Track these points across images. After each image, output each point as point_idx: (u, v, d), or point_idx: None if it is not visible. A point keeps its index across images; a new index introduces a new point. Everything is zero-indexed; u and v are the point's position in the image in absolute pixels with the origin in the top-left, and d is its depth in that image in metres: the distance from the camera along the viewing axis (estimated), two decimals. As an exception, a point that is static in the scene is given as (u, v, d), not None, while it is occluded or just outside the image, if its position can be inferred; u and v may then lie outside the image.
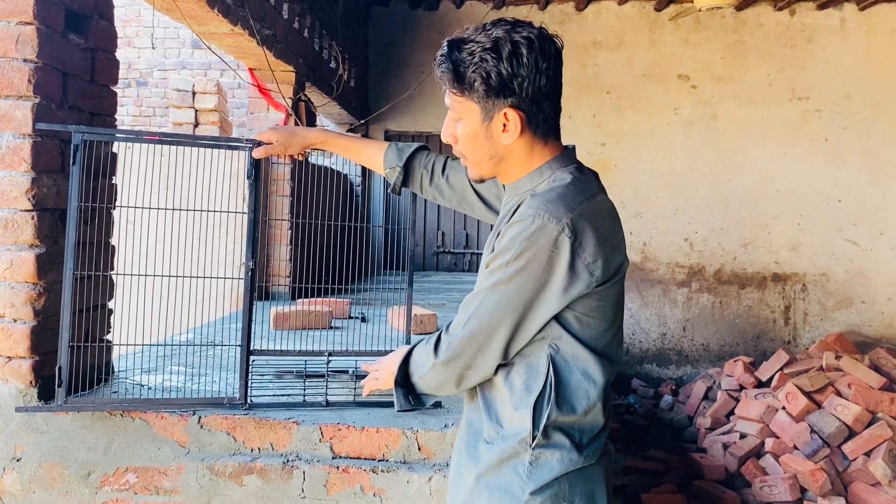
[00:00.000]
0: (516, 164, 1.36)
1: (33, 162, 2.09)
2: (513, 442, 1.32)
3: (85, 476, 2.15)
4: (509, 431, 1.33)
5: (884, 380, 4.37)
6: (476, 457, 1.38)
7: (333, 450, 2.16)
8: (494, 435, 1.35)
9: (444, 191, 1.73)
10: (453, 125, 1.36)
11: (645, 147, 7.08)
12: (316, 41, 5.18)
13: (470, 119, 1.32)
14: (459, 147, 1.37)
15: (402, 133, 7.42)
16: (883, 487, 3.76)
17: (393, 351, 1.50)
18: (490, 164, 1.36)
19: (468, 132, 1.33)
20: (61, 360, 2.07)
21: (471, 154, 1.36)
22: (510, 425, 1.33)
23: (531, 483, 1.30)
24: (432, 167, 1.74)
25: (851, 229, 6.95)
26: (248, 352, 2.23)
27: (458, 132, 1.35)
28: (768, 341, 7.03)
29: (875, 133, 6.90)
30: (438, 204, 1.82)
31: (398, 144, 1.78)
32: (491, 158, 1.35)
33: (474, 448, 1.39)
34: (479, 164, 1.37)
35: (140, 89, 8.20)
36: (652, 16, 7.12)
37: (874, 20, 6.91)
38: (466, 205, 1.72)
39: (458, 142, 1.36)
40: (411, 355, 1.43)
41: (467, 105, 1.31)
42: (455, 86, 1.31)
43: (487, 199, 1.67)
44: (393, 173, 1.75)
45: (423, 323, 3.77)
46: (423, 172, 1.75)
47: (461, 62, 1.29)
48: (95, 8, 2.37)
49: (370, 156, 1.81)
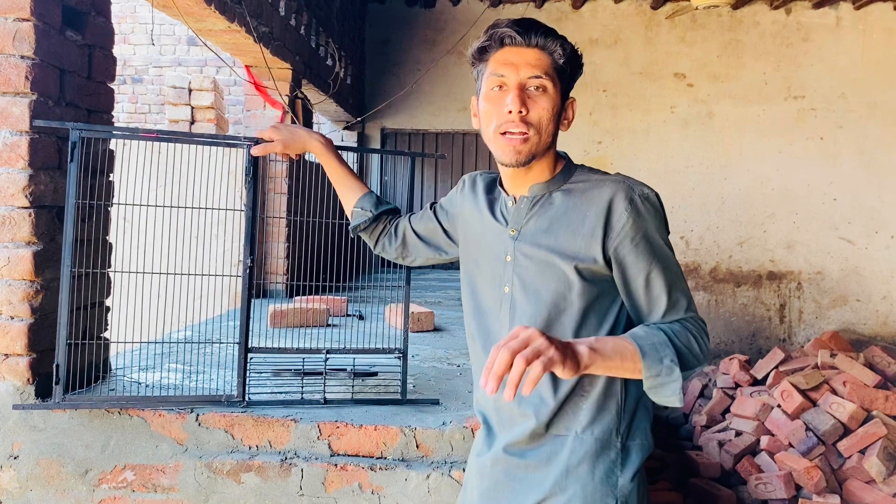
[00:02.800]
0: (551, 151, 1.43)
1: (30, 159, 2.09)
2: (606, 431, 1.37)
3: (82, 474, 2.15)
4: (603, 418, 1.37)
5: (878, 377, 4.38)
6: (558, 449, 1.39)
7: (332, 447, 2.16)
8: (590, 423, 1.37)
9: (391, 240, 1.84)
10: (533, 96, 1.37)
11: (641, 145, 7.09)
12: (313, 38, 5.17)
13: (554, 97, 1.38)
14: (535, 117, 1.37)
15: (398, 130, 7.42)
16: (877, 485, 3.77)
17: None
18: (546, 143, 1.40)
19: (552, 107, 1.38)
20: (59, 357, 2.06)
21: (545, 127, 1.38)
22: (603, 411, 1.38)
23: (626, 472, 1.36)
24: (395, 222, 1.84)
25: (846, 228, 6.97)
26: (246, 349, 2.23)
27: (539, 103, 1.37)
28: (764, 339, 7.05)
29: (870, 132, 6.92)
30: (384, 256, 1.90)
31: (378, 196, 1.87)
32: (551, 137, 1.40)
33: (554, 440, 1.40)
34: (542, 142, 1.39)
35: (135, 86, 8.17)
36: (648, 14, 7.13)
37: (870, 19, 6.93)
38: (405, 251, 1.82)
39: (530, 112, 1.36)
40: (677, 346, 1.29)
41: (556, 85, 1.38)
42: (558, 64, 1.38)
43: (426, 237, 1.77)
44: (363, 215, 1.83)
45: (421, 320, 3.78)
46: (385, 225, 1.85)
47: (571, 46, 1.40)
48: (93, 4, 2.36)
49: (350, 190, 1.88)
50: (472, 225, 1.56)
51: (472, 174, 1.65)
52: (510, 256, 1.43)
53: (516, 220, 1.44)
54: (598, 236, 1.34)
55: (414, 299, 4.74)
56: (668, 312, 1.35)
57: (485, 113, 1.41)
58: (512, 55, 1.37)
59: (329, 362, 2.42)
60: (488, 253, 1.49)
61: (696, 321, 1.36)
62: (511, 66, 1.36)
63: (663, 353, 1.26)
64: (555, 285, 1.37)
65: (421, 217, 1.79)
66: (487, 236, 1.50)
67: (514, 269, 1.42)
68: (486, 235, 1.50)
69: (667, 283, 1.35)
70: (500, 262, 1.45)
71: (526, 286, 1.40)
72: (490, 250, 1.48)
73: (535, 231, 1.41)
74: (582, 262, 1.35)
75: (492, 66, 1.39)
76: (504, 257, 1.44)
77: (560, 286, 1.37)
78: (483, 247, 1.51)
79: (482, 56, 1.42)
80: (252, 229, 2.20)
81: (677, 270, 1.37)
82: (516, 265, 1.42)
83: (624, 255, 1.34)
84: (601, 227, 1.34)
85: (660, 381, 1.26)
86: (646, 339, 1.27)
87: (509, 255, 1.43)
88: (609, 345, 1.22)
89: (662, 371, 1.25)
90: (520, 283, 1.41)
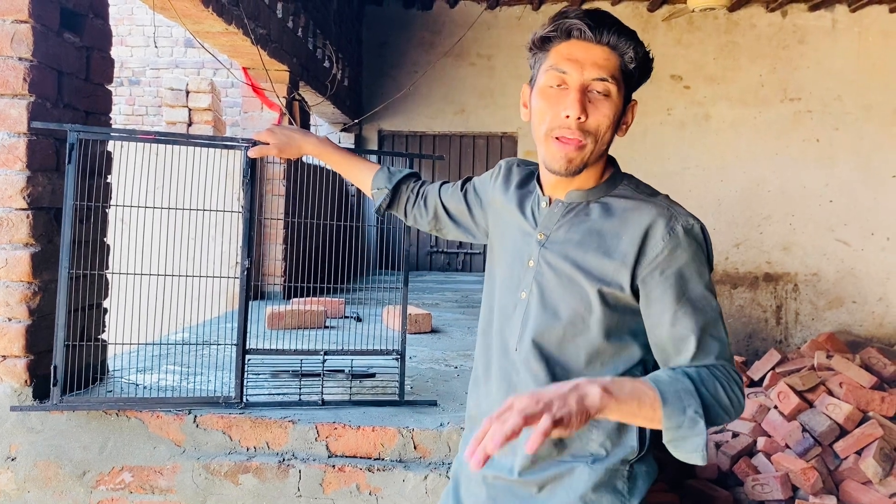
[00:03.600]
0: (603, 158, 1.33)
1: (28, 160, 2.09)
2: (616, 460, 1.29)
3: (80, 475, 2.15)
4: (616, 452, 1.30)
5: (875, 379, 4.39)
6: (565, 475, 1.31)
7: (329, 448, 2.16)
8: (601, 452, 1.30)
9: (422, 212, 1.73)
10: (595, 100, 1.25)
11: (638, 147, 7.10)
12: (310, 40, 5.17)
13: (618, 102, 1.26)
14: (594, 124, 1.25)
15: (395, 133, 7.42)
16: (874, 486, 3.78)
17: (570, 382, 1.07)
18: (601, 152, 1.29)
19: (614, 114, 1.26)
20: (56, 359, 2.07)
21: (603, 136, 1.27)
22: (617, 447, 1.30)
23: (633, 499, 1.29)
24: (417, 191, 1.74)
25: (842, 229, 6.99)
26: (243, 351, 2.23)
27: (600, 109, 1.25)
28: (760, 341, 7.06)
29: (866, 134, 6.94)
30: (419, 228, 1.79)
31: (390, 168, 1.78)
32: (606, 146, 1.29)
33: (559, 465, 1.32)
34: (597, 150, 1.28)
35: (133, 88, 8.17)
36: (645, 16, 7.15)
37: (865, 21, 6.95)
38: (438, 224, 1.71)
39: (589, 118, 1.24)
40: (703, 396, 1.16)
41: (620, 89, 1.26)
42: (627, 68, 1.26)
43: (455, 217, 1.67)
44: (380, 194, 1.74)
45: (418, 322, 3.78)
46: (409, 196, 1.74)
47: (644, 50, 1.28)
48: (90, 7, 2.36)
49: (360, 174, 1.81)
50: (501, 216, 1.47)
51: (510, 160, 1.54)
52: (533, 262, 1.33)
53: (546, 224, 1.34)
54: (628, 263, 1.24)
55: (412, 301, 4.75)
56: (695, 357, 1.20)
57: (538, 110, 1.28)
58: (578, 50, 1.24)
59: (327, 364, 2.42)
60: (511, 252, 1.39)
61: (726, 369, 1.20)
62: (575, 62, 1.23)
63: (687, 402, 1.12)
64: (574, 304, 1.27)
65: (452, 193, 1.67)
66: (512, 233, 1.41)
67: (535, 276, 1.32)
68: (512, 232, 1.41)
69: (697, 324, 1.21)
70: (521, 264, 1.36)
71: (544, 297, 1.31)
72: (513, 249, 1.39)
73: (564, 241, 1.30)
74: (608, 286, 1.25)
75: (553, 58, 1.26)
76: (527, 261, 1.34)
77: (580, 307, 1.27)
78: (507, 244, 1.42)
79: (544, 45, 1.28)
80: (250, 231, 2.20)
81: (713, 314, 1.23)
82: (538, 272, 1.32)
83: (652, 288, 1.23)
84: (634, 253, 1.24)
85: (681, 434, 1.12)
86: (669, 384, 1.13)
87: (532, 261, 1.33)
88: (626, 388, 1.08)
89: (685, 423, 1.11)
90: (538, 293, 1.31)
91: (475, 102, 7.07)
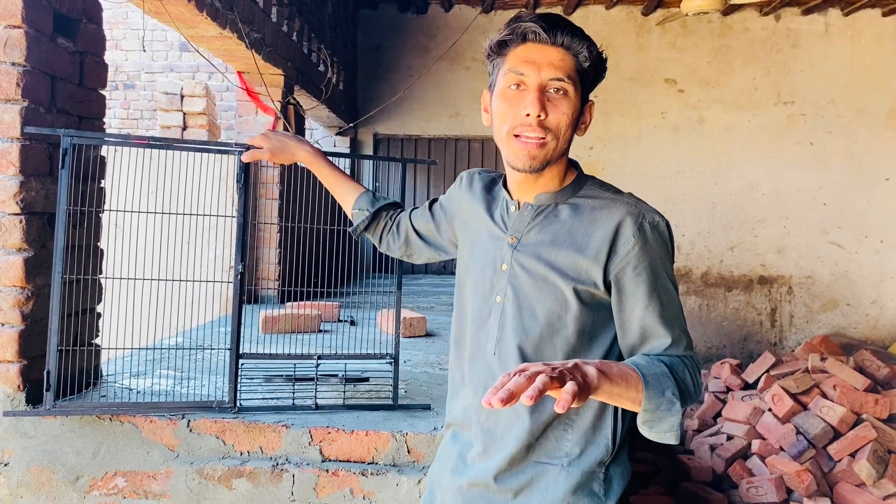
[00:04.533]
0: (564, 158, 1.37)
1: (21, 165, 2.09)
2: (592, 461, 1.31)
3: (73, 480, 2.15)
4: (590, 451, 1.32)
5: (868, 381, 4.41)
6: (540, 477, 1.32)
7: (323, 453, 2.16)
8: (576, 451, 1.32)
9: (394, 237, 1.78)
10: (553, 99, 1.29)
11: (632, 150, 7.12)
12: (305, 44, 5.18)
13: (575, 101, 1.30)
14: (554, 122, 1.29)
15: (391, 136, 7.43)
16: (867, 488, 3.79)
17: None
18: (563, 149, 1.33)
19: (572, 112, 1.30)
20: (49, 364, 2.06)
21: (563, 133, 1.30)
22: (591, 446, 1.32)
23: (609, 500, 1.31)
24: (395, 218, 1.79)
25: (836, 232, 7.02)
26: (237, 355, 2.23)
27: (559, 107, 1.29)
28: (755, 343, 7.08)
29: (859, 137, 6.97)
30: (390, 255, 1.84)
31: (375, 193, 1.82)
32: (567, 143, 1.33)
33: (535, 467, 1.33)
34: (559, 148, 1.31)
35: (127, 92, 8.16)
36: (639, 20, 7.17)
37: (858, 25, 6.99)
38: (409, 249, 1.77)
39: (549, 116, 1.28)
40: (678, 383, 1.23)
41: (577, 89, 1.30)
42: (582, 67, 1.30)
43: (425, 236, 1.72)
44: (360, 215, 1.78)
45: (413, 326, 3.78)
46: (386, 222, 1.79)
47: (597, 50, 1.31)
48: (84, 11, 2.37)
49: (345, 192, 1.84)
50: (468, 225, 1.50)
51: (471, 171, 1.58)
52: (506, 265, 1.35)
53: (517, 227, 1.36)
54: (601, 260, 1.28)
55: (406, 304, 4.75)
56: (669, 348, 1.28)
57: (498, 112, 1.32)
58: (534, 52, 1.29)
59: (320, 368, 2.42)
60: (482, 257, 1.41)
61: (692, 359, 1.29)
62: (532, 64, 1.28)
63: (665, 384, 1.19)
64: (550, 304, 1.31)
65: (421, 215, 1.72)
66: (482, 240, 1.43)
67: (510, 280, 1.34)
68: (481, 239, 1.43)
69: (666, 317, 1.28)
70: (493, 268, 1.38)
71: (520, 300, 1.33)
72: (484, 255, 1.41)
73: (536, 243, 1.33)
74: (582, 284, 1.29)
75: (511, 61, 1.31)
76: (499, 265, 1.36)
77: (556, 306, 1.30)
78: (477, 250, 1.44)
79: (501, 50, 1.33)
80: (243, 235, 2.20)
81: (678, 307, 1.31)
82: (512, 275, 1.34)
83: (624, 283, 1.28)
84: (605, 250, 1.28)
85: (658, 416, 1.19)
86: (648, 368, 1.20)
87: (505, 264, 1.35)
88: (615, 370, 1.14)
89: (663, 404, 1.18)
90: (514, 296, 1.34)
91: (470, 106, 7.08)
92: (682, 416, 1.20)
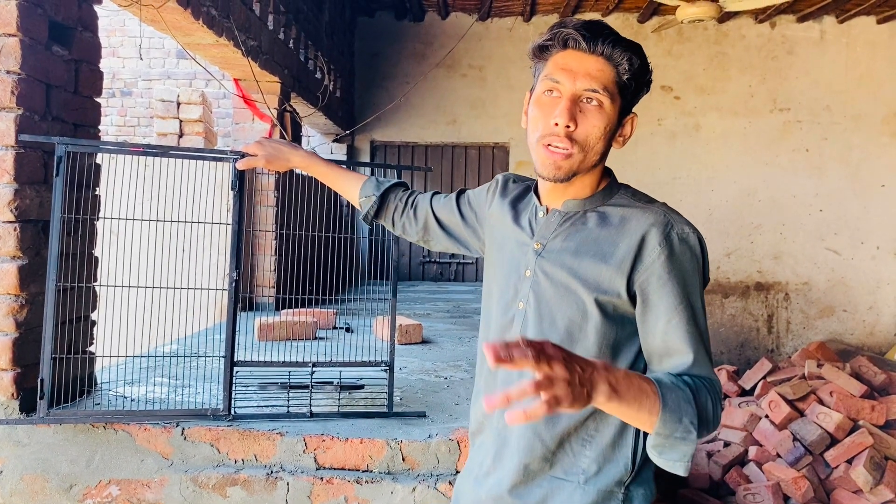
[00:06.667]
0: (598, 168, 1.33)
1: (16, 173, 2.09)
2: (610, 480, 1.27)
3: (67, 489, 2.14)
4: (609, 470, 1.28)
5: (865, 387, 4.41)
6: (556, 493, 1.29)
7: (317, 461, 2.16)
8: (593, 468, 1.28)
9: (411, 221, 1.72)
10: (585, 110, 1.26)
11: (629, 157, 7.13)
12: (301, 52, 5.19)
13: (610, 114, 1.27)
14: (583, 134, 1.25)
15: (387, 143, 7.44)
16: (864, 494, 3.79)
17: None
18: (593, 162, 1.29)
19: (605, 125, 1.26)
20: (43, 372, 2.06)
21: (593, 146, 1.27)
22: (610, 464, 1.28)
23: None
24: (406, 200, 1.74)
25: (832, 238, 7.03)
26: (231, 363, 2.23)
27: (590, 119, 1.25)
28: (752, 350, 7.08)
29: (855, 143, 7.00)
30: (407, 239, 1.78)
31: (378, 178, 1.79)
32: (598, 156, 1.29)
33: (551, 481, 1.30)
34: (588, 161, 1.28)
35: (124, 99, 8.17)
36: (635, 27, 7.20)
37: (853, 32, 7.02)
38: (427, 235, 1.71)
39: (578, 127, 1.25)
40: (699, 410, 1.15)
41: (614, 101, 1.27)
42: (622, 79, 1.26)
43: (448, 227, 1.66)
44: (368, 202, 1.74)
45: (409, 333, 3.78)
46: (397, 205, 1.74)
47: (640, 62, 1.28)
48: (79, 20, 2.37)
49: (347, 184, 1.81)
50: (496, 229, 1.47)
51: (507, 175, 1.54)
52: (530, 271, 1.33)
53: (543, 233, 1.34)
54: (625, 269, 1.24)
55: (402, 311, 4.74)
56: (692, 367, 1.20)
57: (532, 117, 1.29)
58: (572, 60, 1.25)
59: (315, 375, 2.42)
60: (508, 264, 1.39)
61: (714, 387, 1.20)
62: (568, 72, 1.24)
63: (685, 411, 1.12)
64: (571, 313, 1.27)
65: (444, 204, 1.66)
66: (509, 244, 1.40)
67: (532, 286, 1.32)
68: (509, 243, 1.41)
69: (690, 334, 1.21)
70: (518, 275, 1.35)
71: (541, 307, 1.30)
72: (510, 261, 1.39)
73: (560, 250, 1.30)
74: (604, 294, 1.25)
75: (549, 67, 1.27)
76: (524, 271, 1.34)
77: (576, 315, 1.27)
78: (504, 255, 1.41)
79: (542, 54, 1.30)
80: (238, 242, 2.20)
81: (703, 325, 1.24)
82: (535, 282, 1.32)
83: (648, 294, 1.23)
84: (630, 259, 1.24)
85: (670, 443, 1.13)
86: (670, 389, 1.13)
87: (529, 270, 1.33)
88: (633, 391, 1.07)
89: (678, 430, 1.11)
90: (535, 302, 1.31)
91: (467, 113, 7.10)
92: (695, 447, 1.14)
